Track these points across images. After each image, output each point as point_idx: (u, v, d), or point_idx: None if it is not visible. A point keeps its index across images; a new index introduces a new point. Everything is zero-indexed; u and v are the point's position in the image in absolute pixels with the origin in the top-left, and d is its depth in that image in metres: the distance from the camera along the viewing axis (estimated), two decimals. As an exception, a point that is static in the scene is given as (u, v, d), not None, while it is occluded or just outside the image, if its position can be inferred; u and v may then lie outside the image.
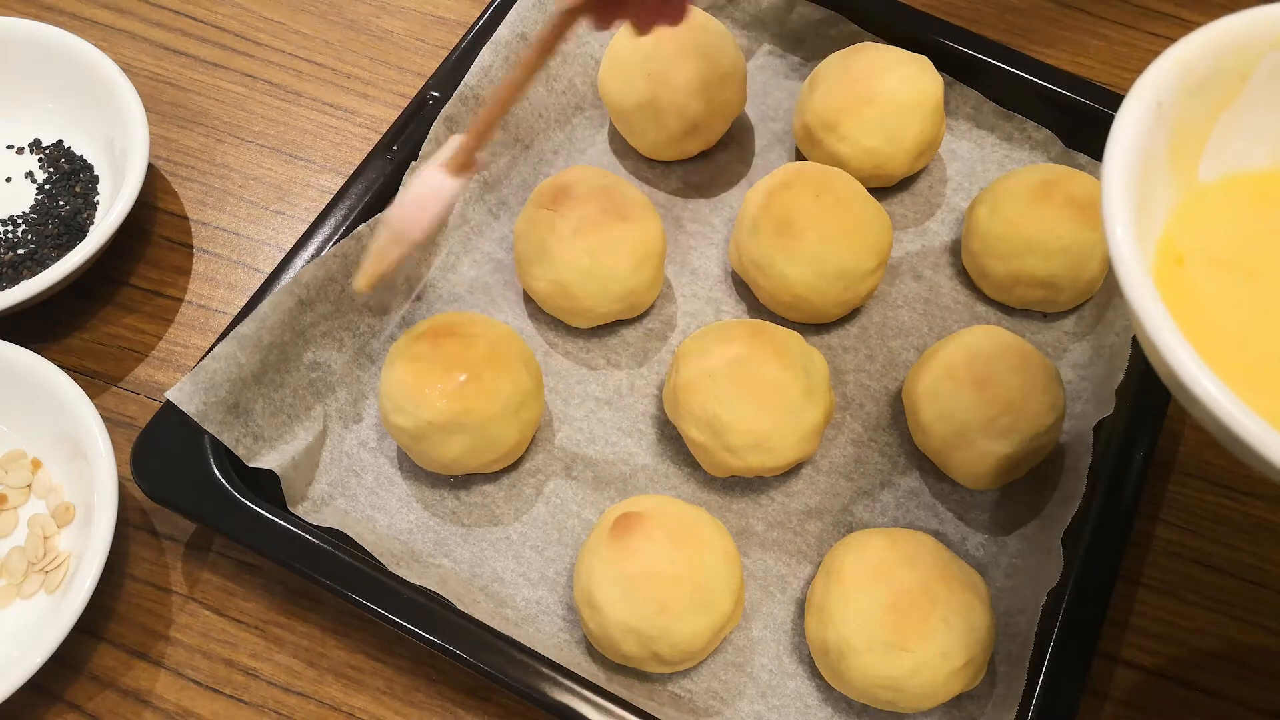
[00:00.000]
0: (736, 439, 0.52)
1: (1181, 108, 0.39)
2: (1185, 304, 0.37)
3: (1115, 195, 0.35)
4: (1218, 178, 0.41)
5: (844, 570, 0.49)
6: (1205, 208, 0.40)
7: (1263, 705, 0.53)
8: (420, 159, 0.58)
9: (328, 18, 0.72)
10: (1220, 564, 0.56)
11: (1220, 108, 0.40)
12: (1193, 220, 0.40)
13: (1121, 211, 0.35)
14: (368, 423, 0.57)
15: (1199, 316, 0.37)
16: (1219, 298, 0.38)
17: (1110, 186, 0.36)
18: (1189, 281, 0.38)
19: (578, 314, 0.58)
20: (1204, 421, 0.33)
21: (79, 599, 0.49)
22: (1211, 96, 0.40)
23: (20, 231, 0.62)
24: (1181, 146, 0.40)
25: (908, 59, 0.61)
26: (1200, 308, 0.38)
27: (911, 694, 0.48)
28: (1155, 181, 0.38)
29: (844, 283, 0.57)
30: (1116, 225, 0.35)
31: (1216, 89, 0.40)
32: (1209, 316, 0.38)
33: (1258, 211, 0.41)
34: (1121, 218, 0.35)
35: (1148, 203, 0.38)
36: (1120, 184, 0.36)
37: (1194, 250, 0.39)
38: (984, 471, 0.53)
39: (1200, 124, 0.40)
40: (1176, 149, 0.39)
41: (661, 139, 0.62)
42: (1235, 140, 0.41)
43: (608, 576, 0.48)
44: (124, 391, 0.60)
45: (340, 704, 0.52)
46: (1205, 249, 0.39)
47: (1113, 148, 0.36)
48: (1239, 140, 0.41)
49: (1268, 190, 0.41)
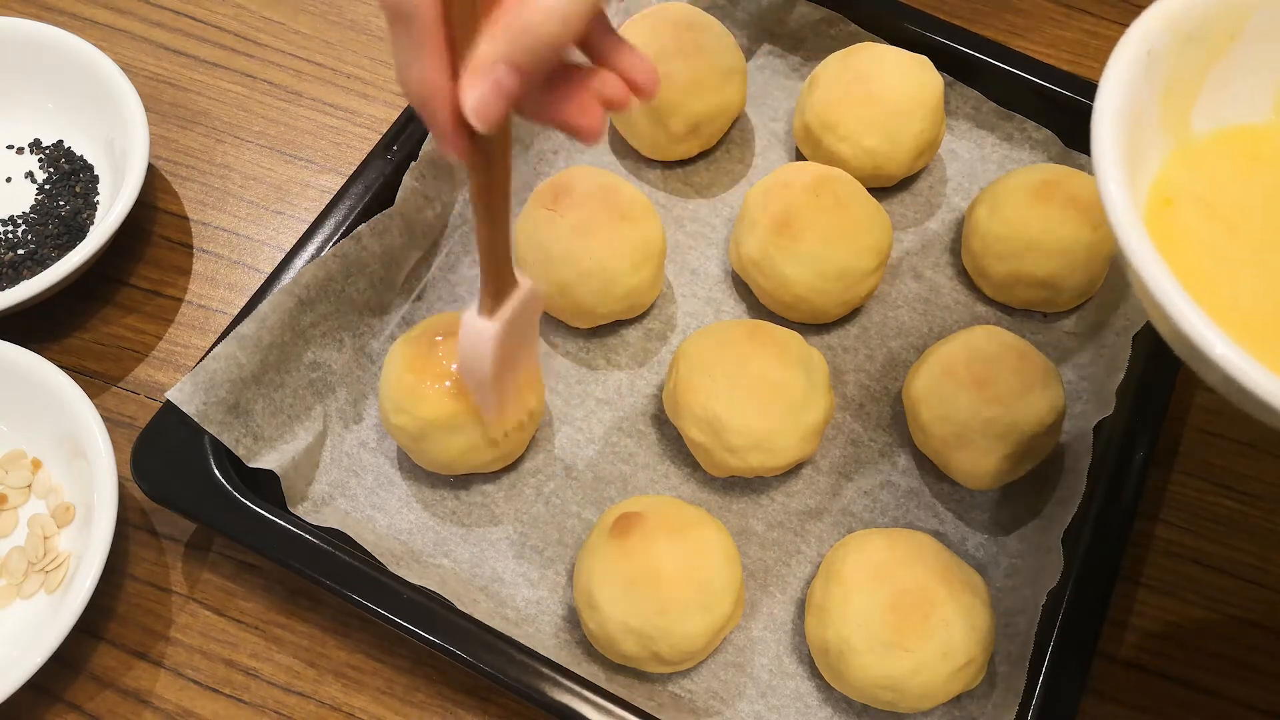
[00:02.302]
0: (736, 439, 0.52)
1: (1172, 59, 0.39)
2: (1171, 243, 0.37)
3: (1106, 141, 0.36)
4: (1210, 130, 0.42)
5: (844, 570, 0.49)
6: (1197, 158, 0.41)
7: (1263, 705, 0.53)
8: (420, 159, 0.58)
9: (328, 18, 0.72)
10: (1220, 564, 0.56)
11: (1210, 63, 0.41)
12: (1184, 169, 0.40)
13: (1112, 153, 0.36)
14: (368, 423, 0.57)
15: (1184, 256, 0.38)
16: (1201, 244, 0.39)
17: (1100, 132, 0.36)
18: (1176, 222, 0.39)
19: (578, 314, 0.58)
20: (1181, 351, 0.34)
21: (79, 599, 0.49)
22: (1201, 51, 0.40)
23: (20, 231, 0.62)
24: (1174, 97, 0.40)
25: (908, 59, 0.61)
26: (1185, 248, 0.38)
27: (911, 694, 0.48)
28: (1147, 130, 0.39)
29: (844, 283, 0.57)
30: (1108, 169, 0.35)
31: (1205, 45, 0.40)
32: (1192, 258, 0.38)
33: (1246, 166, 0.42)
34: (1112, 158, 0.35)
35: (1140, 150, 0.38)
36: (1110, 130, 0.36)
37: (1183, 195, 0.40)
38: (984, 471, 0.53)
39: (1192, 76, 0.41)
40: (1169, 99, 0.40)
41: (661, 139, 0.62)
42: (1227, 94, 0.41)
43: (608, 576, 0.48)
44: (124, 391, 0.60)
45: (340, 704, 0.52)
46: (1193, 195, 0.40)
47: (1104, 92, 0.37)
48: (1231, 95, 0.41)
49: (1258, 145, 0.42)
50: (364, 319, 0.58)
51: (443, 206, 0.61)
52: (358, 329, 0.58)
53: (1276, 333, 0.37)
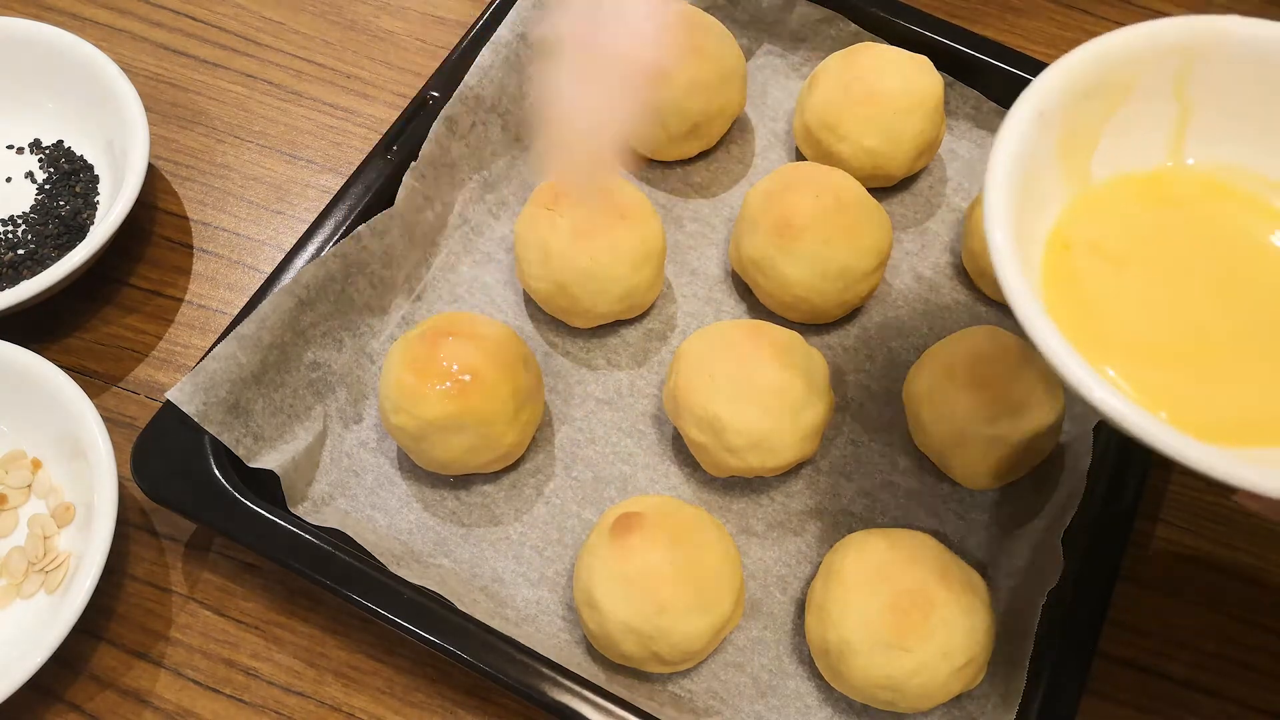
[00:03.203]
0: (736, 439, 0.52)
1: (1068, 115, 0.42)
2: (1068, 283, 0.42)
3: (996, 200, 0.39)
4: (1108, 177, 0.45)
5: (844, 570, 0.49)
6: (1094, 203, 0.44)
7: (1263, 705, 0.53)
8: (420, 159, 0.58)
9: (328, 18, 0.72)
10: (1220, 564, 0.56)
11: (1107, 115, 0.44)
12: (1083, 214, 0.44)
13: (1001, 211, 0.39)
14: (368, 423, 0.57)
15: (1077, 295, 0.42)
16: (1095, 281, 0.42)
17: (991, 194, 0.39)
18: (1072, 264, 0.43)
19: (578, 314, 0.58)
20: None
21: (79, 599, 0.49)
22: (1097, 105, 0.43)
23: (20, 231, 0.62)
24: (1073, 150, 0.43)
25: (908, 59, 0.61)
26: (1079, 288, 0.42)
27: (911, 694, 0.48)
28: (1045, 180, 0.42)
29: (844, 283, 0.57)
30: (994, 224, 0.38)
31: (1101, 99, 0.43)
32: (1086, 295, 0.42)
33: (1136, 208, 0.44)
34: (1000, 215, 0.39)
35: (1040, 199, 0.42)
36: (1001, 188, 0.39)
37: (1078, 239, 0.43)
38: (984, 471, 0.53)
39: (1090, 129, 0.44)
40: (1067, 150, 0.43)
41: (661, 139, 0.62)
42: (1125, 144, 0.44)
43: (608, 576, 0.48)
44: (124, 391, 0.60)
45: (340, 704, 0.52)
46: (1087, 239, 0.43)
47: (996, 153, 0.40)
48: (1129, 144, 0.44)
49: (1149, 189, 0.45)
50: (364, 319, 0.58)
51: (443, 206, 0.61)
52: (358, 329, 0.58)
53: (1152, 359, 0.41)
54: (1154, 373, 0.40)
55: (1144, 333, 0.41)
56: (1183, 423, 0.36)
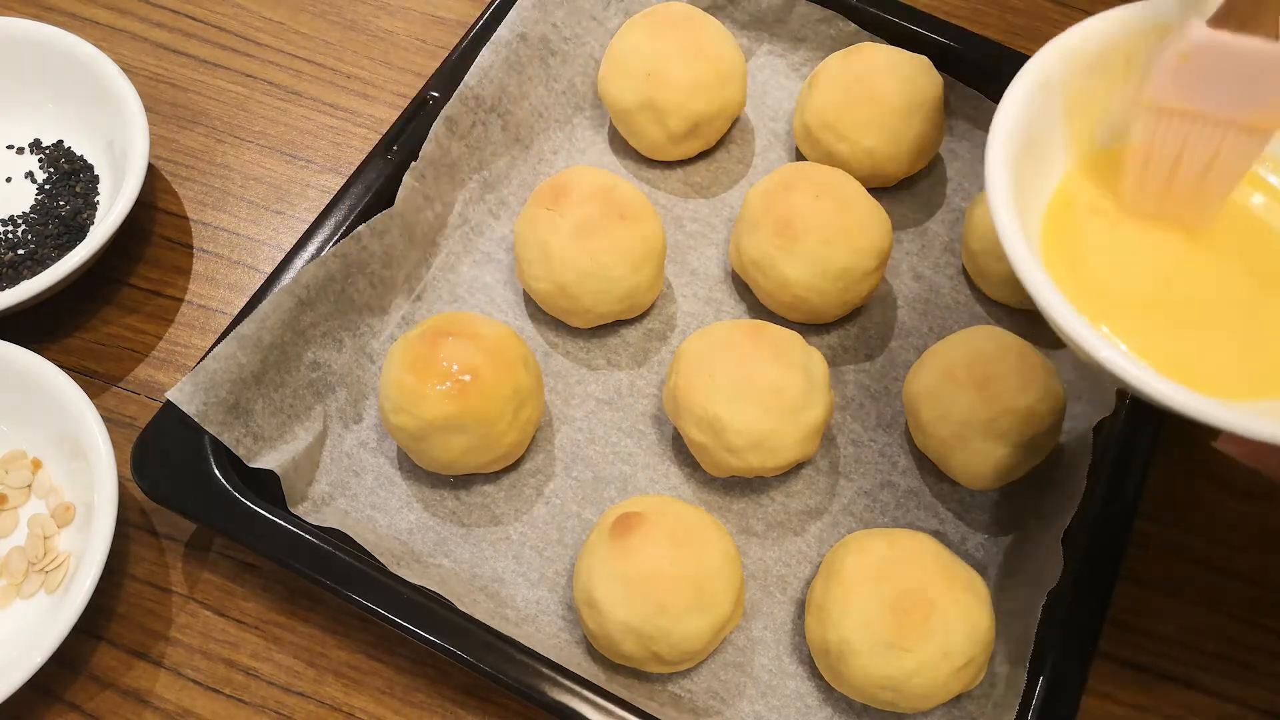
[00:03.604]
0: (736, 439, 0.52)
1: (1072, 85, 0.46)
2: (1067, 237, 0.46)
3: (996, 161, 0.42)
4: (1111, 143, 0.48)
5: (844, 570, 0.49)
6: (1097, 167, 0.48)
7: (1263, 705, 0.53)
8: (420, 159, 0.58)
9: (328, 18, 0.72)
10: (1220, 564, 0.56)
11: (1112, 88, 0.47)
12: (1086, 176, 0.48)
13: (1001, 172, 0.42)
14: (368, 423, 0.57)
15: (1076, 248, 0.46)
16: (1089, 237, 0.46)
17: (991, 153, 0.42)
18: (1071, 220, 0.46)
19: (578, 314, 0.58)
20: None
21: (79, 599, 0.49)
22: (1101, 80, 0.47)
23: (20, 231, 0.62)
24: (1078, 119, 0.47)
25: (908, 59, 0.61)
26: (1077, 242, 0.46)
27: (911, 694, 0.48)
28: (1052, 147, 0.46)
29: (844, 283, 0.57)
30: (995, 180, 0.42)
31: (1106, 74, 0.47)
32: (1084, 249, 0.46)
33: None
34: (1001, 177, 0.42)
35: (1042, 160, 0.46)
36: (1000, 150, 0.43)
37: (1080, 199, 0.47)
38: (984, 471, 0.53)
39: (1096, 101, 0.47)
40: (1072, 121, 0.47)
41: (661, 139, 0.62)
42: (1128, 118, 0.47)
43: (608, 576, 0.48)
44: (124, 391, 0.60)
45: (340, 704, 0.52)
46: (1087, 199, 0.47)
47: (997, 119, 0.43)
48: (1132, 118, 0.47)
49: None
50: (364, 319, 0.58)
51: (443, 206, 0.61)
52: (358, 329, 0.58)
53: (1139, 311, 0.44)
54: (1144, 325, 0.43)
55: (1135, 288, 0.45)
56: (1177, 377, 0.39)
